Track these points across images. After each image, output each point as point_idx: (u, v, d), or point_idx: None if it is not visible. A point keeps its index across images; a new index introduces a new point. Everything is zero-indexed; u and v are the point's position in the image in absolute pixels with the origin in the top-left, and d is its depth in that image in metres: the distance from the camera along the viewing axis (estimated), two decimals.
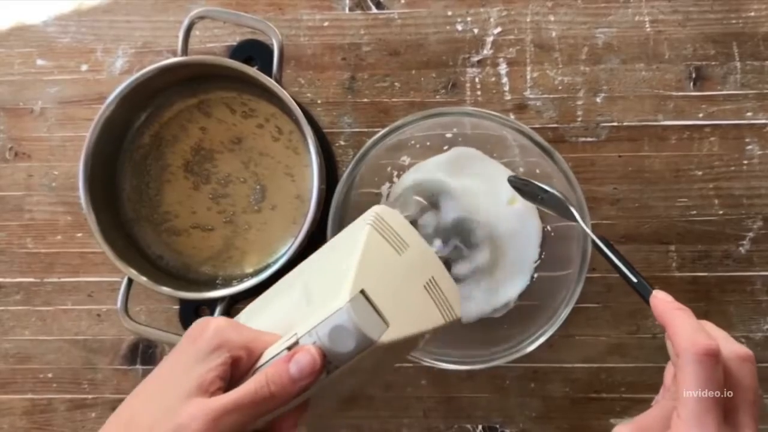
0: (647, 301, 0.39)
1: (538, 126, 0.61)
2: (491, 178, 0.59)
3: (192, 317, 0.59)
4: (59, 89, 0.64)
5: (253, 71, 0.54)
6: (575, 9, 0.61)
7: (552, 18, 0.62)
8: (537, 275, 0.60)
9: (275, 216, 0.60)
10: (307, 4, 0.63)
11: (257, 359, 0.39)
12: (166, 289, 0.55)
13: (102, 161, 0.56)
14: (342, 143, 0.63)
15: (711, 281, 0.61)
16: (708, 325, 0.37)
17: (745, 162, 0.61)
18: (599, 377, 0.61)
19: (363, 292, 0.38)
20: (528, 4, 0.62)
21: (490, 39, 0.62)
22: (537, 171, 0.57)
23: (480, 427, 0.62)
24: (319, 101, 0.63)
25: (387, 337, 0.38)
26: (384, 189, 0.61)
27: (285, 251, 0.56)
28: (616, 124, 0.61)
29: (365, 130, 0.62)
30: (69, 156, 0.64)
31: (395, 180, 0.61)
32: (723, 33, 0.61)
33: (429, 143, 0.59)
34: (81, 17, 0.64)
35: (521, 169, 0.59)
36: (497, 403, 0.62)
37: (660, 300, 0.39)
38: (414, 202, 0.58)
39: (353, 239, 0.42)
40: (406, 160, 0.60)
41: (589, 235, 0.45)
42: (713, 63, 0.61)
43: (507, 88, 0.62)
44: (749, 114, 0.61)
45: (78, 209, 0.63)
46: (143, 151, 0.60)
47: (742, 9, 0.61)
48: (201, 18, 0.55)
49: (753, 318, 0.61)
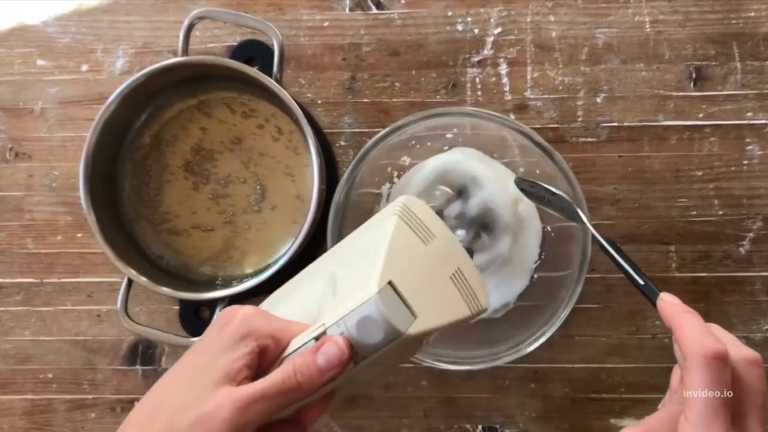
0: (654, 304, 0.39)
1: (538, 126, 0.61)
2: (500, 177, 0.59)
3: (192, 317, 0.59)
4: (59, 89, 0.64)
5: (254, 71, 0.54)
6: (575, 9, 0.61)
7: (552, 18, 0.62)
8: (537, 275, 0.60)
9: (275, 216, 0.60)
10: (307, 4, 0.63)
11: (284, 349, 0.39)
12: (166, 290, 0.55)
13: (102, 161, 0.56)
14: (342, 143, 0.63)
15: (711, 281, 0.61)
16: (716, 328, 0.37)
17: (745, 162, 0.61)
18: (599, 377, 0.61)
19: (391, 283, 0.38)
20: (528, 4, 0.62)
21: (490, 39, 0.62)
22: (537, 171, 0.57)
23: (480, 427, 0.62)
24: (320, 101, 0.63)
25: (415, 329, 0.38)
26: (384, 189, 0.61)
27: (285, 251, 0.56)
28: (616, 124, 0.61)
29: (365, 130, 0.62)
30: (69, 156, 0.64)
31: (395, 180, 0.61)
32: (723, 33, 0.61)
33: (429, 143, 0.59)
34: (81, 17, 0.64)
35: (521, 170, 0.59)
36: (497, 403, 0.62)
37: (667, 303, 0.38)
38: (440, 192, 0.58)
39: (380, 230, 0.42)
40: (406, 160, 0.60)
41: (596, 237, 0.44)
42: (713, 63, 0.61)
43: (507, 88, 0.62)
44: (749, 114, 0.61)
45: (78, 209, 0.63)
46: (143, 151, 0.60)
47: (742, 9, 0.61)
48: (201, 18, 0.55)
49: (753, 318, 0.61)
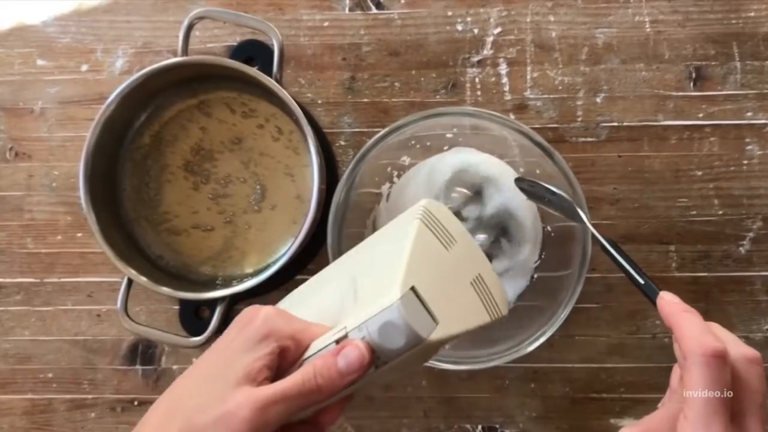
0: (654, 303, 0.39)
1: (538, 126, 0.61)
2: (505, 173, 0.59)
3: (192, 317, 0.59)
4: (59, 89, 0.64)
5: (254, 71, 0.54)
6: (575, 9, 0.61)
7: (552, 18, 0.62)
8: (537, 275, 0.60)
9: (275, 216, 0.60)
10: (307, 4, 0.63)
11: (304, 350, 0.39)
12: (166, 290, 0.55)
13: (102, 161, 0.56)
14: (342, 143, 0.63)
15: (711, 281, 0.61)
16: (715, 327, 0.37)
17: (745, 162, 0.61)
18: (599, 377, 0.61)
19: (413, 288, 0.38)
20: (528, 4, 0.62)
21: (490, 39, 0.62)
22: (537, 171, 0.57)
23: (480, 427, 0.62)
24: (319, 101, 0.63)
25: (436, 335, 0.38)
26: (384, 189, 0.61)
27: (285, 251, 0.56)
28: (616, 124, 0.61)
29: (365, 130, 0.62)
30: (69, 156, 0.64)
31: (395, 180, 0.61)
32: (723, 33, 0.61)
33: (429, 143, 0.59)
34: (81, 17, 0.64)
35: (521, 170, 0.59)
36: (497, 403, 0.62)
37: (667, 302, 0.38)
38: (458, 193, 0.57)
39: (402, 233, 0.42)
40: (406, 160, 0.60)
41: (596, 236, 0.45)
42: (713, 63, 0.61)
43: (507, 88, 0.62)
44: (749, 114, 0.61)
45: (78, 209, 0.63)
46: (143, 151, 0.60)
47: (742, 9, 0.61)
48: (201, 18, 0.55)
49: (753, 318, 0.61)
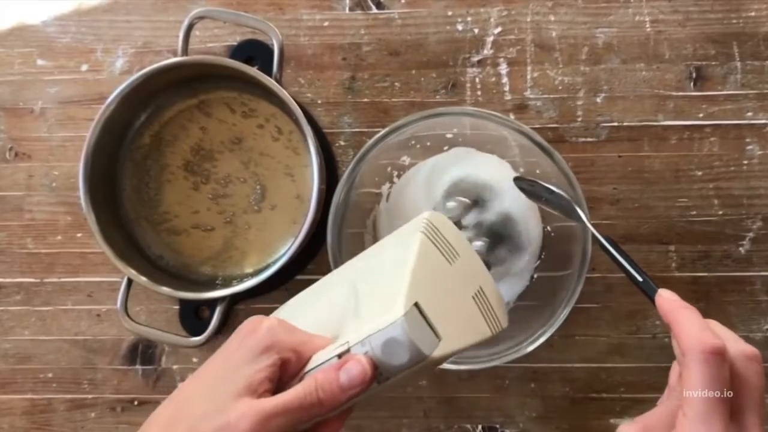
0: (653, 301, 0.39)
1: (538, 126, 0.61)
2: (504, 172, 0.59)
3: (192, 317, 0.59)
4: (59, 89, 0.64)
5: (254, 71, 0.54)
6: (575, 9, 0.61)
7: (552, 18, 0.62)
8: (537, 275, 0.60)
9: (275, 216, 0.60)
10: (307, 4, 0.63)
11: (306, 362, 0.39)
12: (166, 289, 0.55)
13: (102, 161, 0.56)
14: (342, 143, 0.63)
15: (711, 281, 0.61)
16: (714, 324, 0.37)
17: (745, 162, 0.61)
18: (599, 377, 0.61)
19: (417, 304, 0.37)
20: (528, 4, 0.62)
21: (490, 39, 0.62)
22: (537, 171, 0.57)
23: (480, 427, 0.62)
24: (319, 101, 0.63)
25: (439, 352, 0.37)
26: (384, 189, 0.61)
27: (285, 251, 0.56)
28: (616, 124, 0.61)
29: (365, 130, 0.62)
30: (69, 156, 0.64)
31: (395, 180, 0.61)
32: (723, 33, 0.61)
33: (429, 143, 0.59)
34: (81, 17, 0.64)
35: (521, 170, 0.59)
36: (497, 403, 0.62)
37: (665, 299, 0.38)
38: (457, 202, 0.57)
39: (405, 246, 0.41)
40: (406, 160, 0.60)
41: (595, 235, 0.45)
42: (713, 63, 0.61)
43: (507, 88, 0.62)
44: (749, 114, 0.61)
45: (78, 209, 0.63)
46: (143, 151, 0.60)
47: (742, 9, 0.61)
48: (201, 18, 0.55)
49: (753, 318, 0.61)
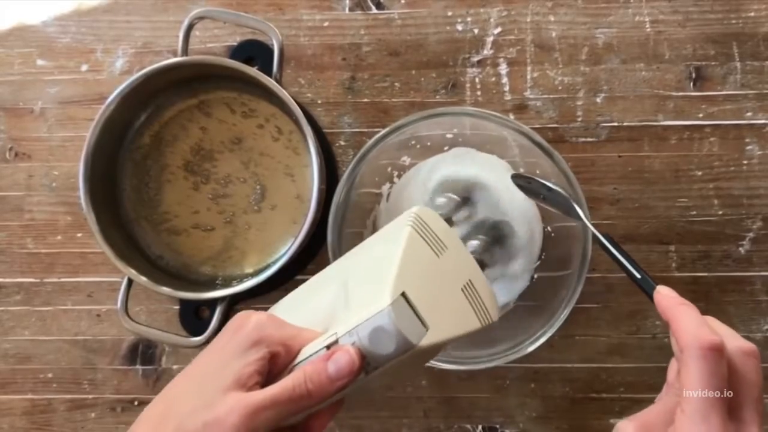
0: (651, 297, 0.39)
1: (538, 126, 0.61)
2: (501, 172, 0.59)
3: (192, 317, 0.59)
4: (59, 89, 0.64)
5: (254, 71, 0.54)
6: (575, 9, 0.61)
7: (552, 18, 0.62)
8: (537, 275, 0.60)
9: (275, 216, 0.60)
10: (307, 4, 0.63)
11: (295, 356, 0.39)
12: (166, 289, 0.55)
13: (102, 161, 0.56)
14: (342, 143, 0.63)
15: (711, 281, 0.61)
16: (712, 321, 0.37)
17: (745, 162, 0.61)
18: (599, 377, 0.61)
19: (404, 294, 0.38)
20: (528, 4, 0.62)
21: (490, 39, 0.62)
22: (537, 171, 0.57)
23: (480, 427, 0.62)
24: (319, 101, 0.63)
25: (426, 341, 0.38)
26: (384, 189, 0.61)
27: (285, 251, 0.56)
28: (616, 124, 0.61)
29: (365, 130, 0.62)
30: (69, 156, 0.64)
31: (395, 180, 0.61)
32: (723, 33, 0.61)
33: (429, 143, 0.59)
34: (81, 17, 0.64)
35: (521, 170, 0.59)
36: (497, 403, 0.62)
37: (664, 296, 0.38)
38: (447, 198, 0.58)
39: (393, 240, 0.42)
40: (406, 160, 0.60)
41: (593, 232, 0.45)
42: (713, 63, 0.61)
43: (507, 88, 0.62)
44: (749, 114, 0.61)
45: (78, 209, 0.63)
46: (143, 151, 0.60)
47: (742, 9, 0.61)
48: (201, 18, 0.55)
49: (753, 318, 0.61)
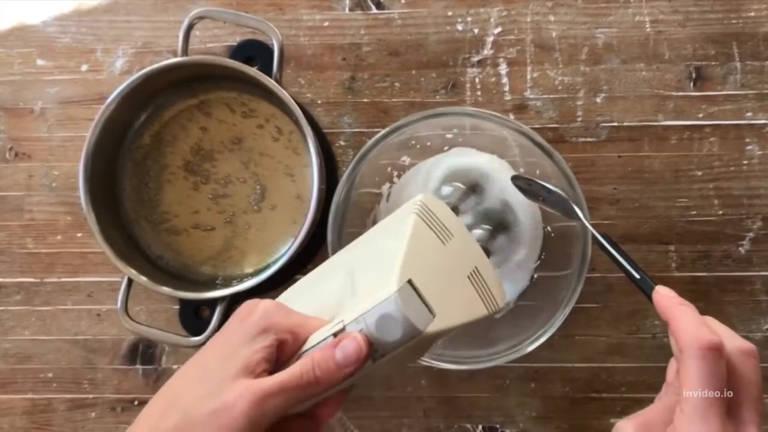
0: (650, 297, 0.39)
1: (538, 126, 0.61)
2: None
3: (192, 317, 0.59)
4: (59, 89, 0.64)
5: (254, 71, 0.54)
6: (575, 9, 0.61)
7: (552, 18, 0.62)
8: (537, 275, 0.60)
9: (275, 216, 0.60)
10: (307, 4, 0.63)
11: (303, 343, 0.39)
12: (166, 289, 0.55)
13: (102, 161, 0.56)
14: (342, 143, 0.63)
15: (710, 281, 0.61)
16: (711, 321, 0.37)
17: (745, 162, 0.61)
18: (599, 377, 0.61)
19: (410, 281, 0.38)
20: (528, 4, 0.62)
21: (490, 39, 0.62)
22: (537, 171, 0.57)
23: (480, 427, 0.62)
24: (319, 101, 0.63)
25: (433, 328, 0.38)
26: (384, 189, 0.61)
27: (285, 251, 0.56)
28: (616, 124, 0.61)
29: (365, 130, 0.62)
30: (69, 156, 0.64)
31: (395, 180, 0.61)
32: (723, 33, 0.61)
33: (429, 143, 0.59)
34: (81, 17, 0.64)
35: (521, 170, 0.59)
36: (497, 403, 0.62)
37: (663, 296, 0.38)
38: (454, 187, 0.57)
39: (399, 228, 0.42)
40: (406, 160, 0.60)
41: (592, 232, 0.45)
42: (713, 63, 0.61)
43: (507, 88, 0.62)
44: (749, 114, 0.61)
45: (78, 209, 0.63)
46: (143, 151, 0.60)
47: (742, 9, 0.61)
48: (201, 18, 0.55)
49: (753, 318, 0.61)
